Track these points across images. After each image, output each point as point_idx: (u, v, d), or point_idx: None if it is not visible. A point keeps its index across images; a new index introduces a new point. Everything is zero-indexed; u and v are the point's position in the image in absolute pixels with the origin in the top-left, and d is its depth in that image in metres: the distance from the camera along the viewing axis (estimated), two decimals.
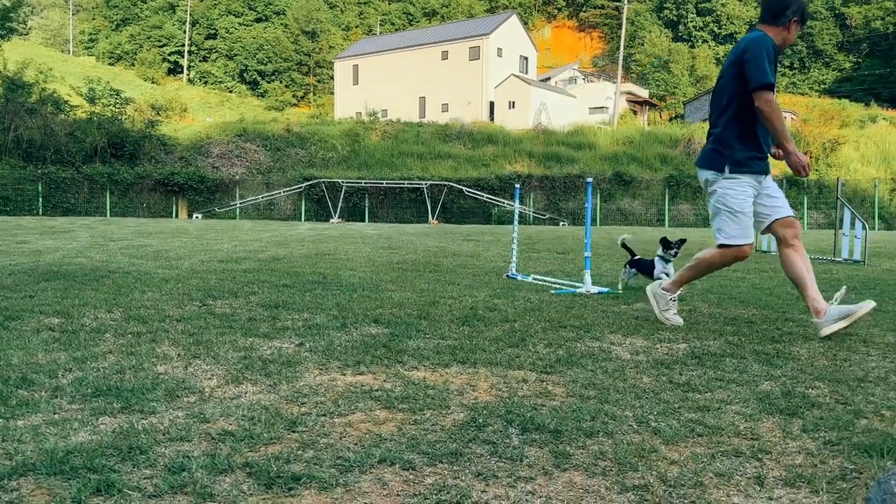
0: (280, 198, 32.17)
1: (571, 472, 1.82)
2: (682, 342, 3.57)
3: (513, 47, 53.07)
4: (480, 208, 31.45)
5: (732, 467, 1.87)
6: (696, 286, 6.26)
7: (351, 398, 2.44)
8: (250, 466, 1.81)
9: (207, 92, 75.40)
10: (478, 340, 3.49)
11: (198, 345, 3.25)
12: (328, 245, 11.58)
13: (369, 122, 41.68)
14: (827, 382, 2.76)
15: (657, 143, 38.79)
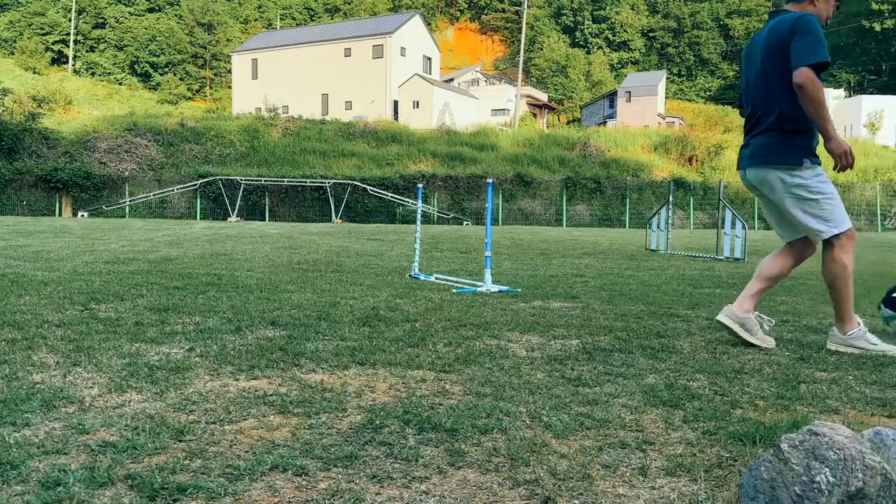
0: (173, 195, 30.91)
1: (465, 470, 1.85)
2: (574, 339, 3.69)
3: (416, 47, 53.20)
4: (385, 207, 31.37)
5: (618, 459, 1.94)
6: (589, 284, 6.49)
7: (243, 404, 2.37)
8: (132, 479, 1.72)
9: (95, 84, 71.33)
10: (378, 341, 3.48)
11: (79, 351, 3.07)
12: (225, 245, 11.23)
13: (269, 119, 40.67)
14: (707, 375, 2.93)
15: (555, 146, 39.94)
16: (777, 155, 3.53)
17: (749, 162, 3.66)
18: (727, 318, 3.64)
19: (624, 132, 44.00)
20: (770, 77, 3.53)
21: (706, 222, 33.17)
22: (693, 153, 39.35)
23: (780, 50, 3.45)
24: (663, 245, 12.35)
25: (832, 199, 3.48)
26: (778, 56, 3.47)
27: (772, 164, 3.55)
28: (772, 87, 3.53)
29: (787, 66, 3.41)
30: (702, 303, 5.30)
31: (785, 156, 3.51)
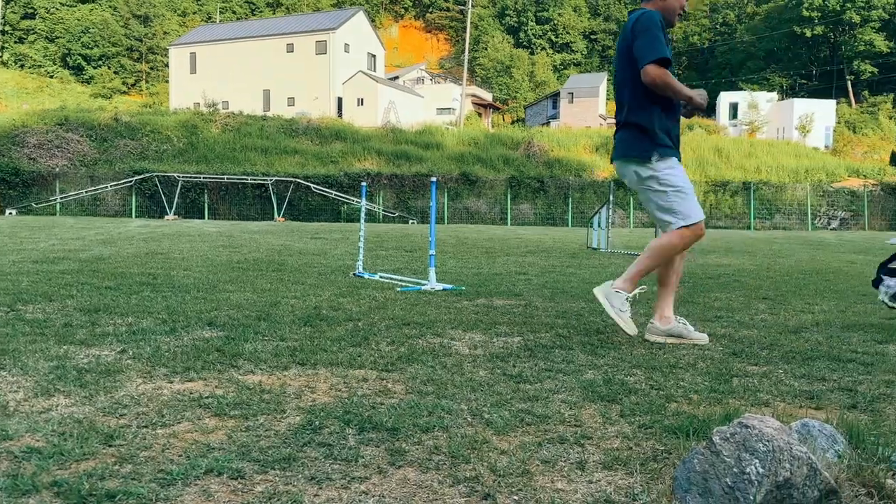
0: (107, 192, 29.92)
1: (406, 469, 1.83)
2: (516, 336, 3.72)
3: (360, 44, 52.82)
4: (329, 206, 31.06)
5: (557, 454, 1.96)
6: (532, 282, 6.55)
7: (177, 407, 2.30)
8: (59, 486, 1.65)
9: (24, 76, 68.40)
10: (319, 341, 3.43)
11: (3, 354, 2.93)
12: (161, 244, 10.92)
13: (208, 114, 39.72)
14: (643, 370, 2.99)
15: (500, 145, 40.26)
16: (630, 149, 3.69)
17: (613, 155, 3.85)
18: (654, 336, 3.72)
19: (566, 132, 44.66)
20: (621, 75, 3.69)
21: (645, 221, 33.95)
22: None
23: (626, 50, 3.64)
24: (604, 243, 12.59)
25: (682, 193, 3.60)
26: (626, 55, 3.64)
27: (627, 158, 3.72)
28: (624, 84, 3.69)
29: (633, 65, 3.58)
30: (640, 299, 5.41)
31: (637, 149, 3.65)
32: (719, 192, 36.95)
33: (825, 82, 66.15)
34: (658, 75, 3.50)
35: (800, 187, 37.06)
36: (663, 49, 3.51)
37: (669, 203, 3.62)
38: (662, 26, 3.59)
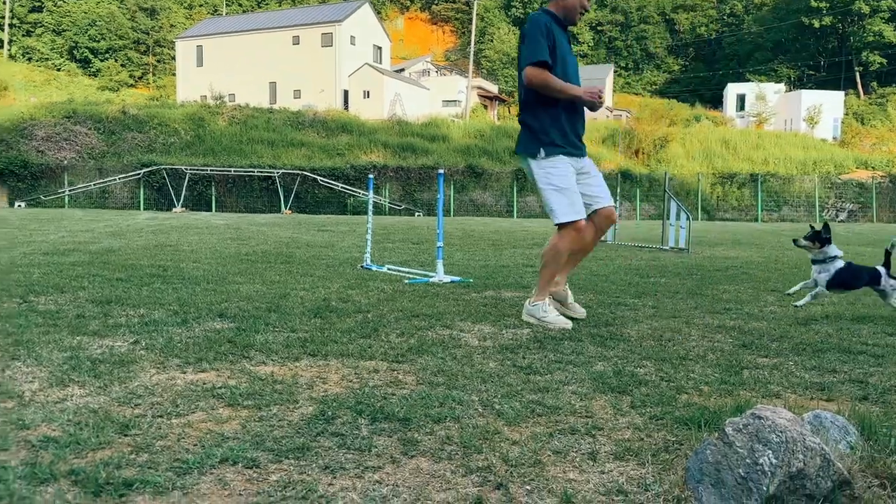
0: (115, 185, 30.02)
1: (419, 459, 1.85)
2: (525, 328, 3.73)
3: (366, 36, 52.70)
4: (335, 198, 31.09)
5: (569, 444, 1.97)
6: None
7: (191, 397, 2.32)
8: (76, 474, 1.67)
9: (32, 69, 68.52)
10: (330, 332, 3.45)
11: (17, 345, 2.96)
12: (170, 236, 10.96)
13: (215, 107, 39.74)
14: (653, 361, 2.99)
15: (506, 137, 40.16)
16: (523, 144, 3.95)
17: (515, 150, 4.08)
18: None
19: None
20: (518, 76, 3.89)
21: (652, 213, 33.87)
22: (639, 146, 40.08)
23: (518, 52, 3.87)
24: (611, 236, 12.57)
25: (559, 191, 3.78)
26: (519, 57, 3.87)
27: (521, 154, 3.99)
28: (520, 85, 3.90)
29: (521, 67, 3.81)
30: (648, 292, 5.41)
31: (527, 146, 3.90)
32: (726, 184, 36.82)
33: (834, 73, 65.71)
34: (534, 76, 3.71)
35: (808, 179, 36.89)
36: (540, 53, 3.70)
37: (548, 200, 3.84)
38: (550, 29, 3.77)
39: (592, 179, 4.00)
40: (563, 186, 3.79)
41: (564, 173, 3.81)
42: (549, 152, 3.81)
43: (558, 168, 3.81)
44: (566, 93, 3.74)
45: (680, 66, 77.16)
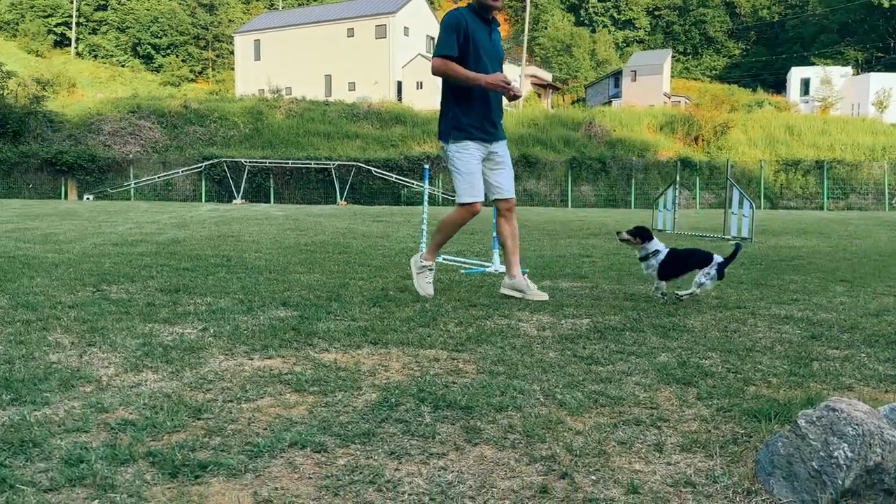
0: (178, 178, 30.91)
1: (482, 447, 1.86)
2: (585, 318, 3.70)
3: (419, 27, 52.80)
4: (389, 189, 31.33)
5: (633, 435, 1.95)
6: (597, 264, 6.49)
7: (259, 383, 2.39)
8: (153, 456, 1.74)
9: (97, 66, 71.08)
10: (389, 321, 3.49)
11: (93, 332, 3.09)
12: (231, 227, 11.25)
13: (273, 100, 40.49)
14: (719, 353, 2.93)
15: (560, 126, 39.73)
16: (439, 130, 4.35)
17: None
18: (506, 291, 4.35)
19: (629, 112, 43.72)
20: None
21: (712, 202, 33.06)
22: (699, 132, 39.08)
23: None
24: (670, 225, 12.33)
25: (462, 175, 4.20)
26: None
27: (439, 139, 4.38)
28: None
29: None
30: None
31: (441, 131, 4.32)
32: (790, 172, 35.62)
33: None
34: (436, 66, 4.12)
35: (876, 166, 35.37)
36: (444, 47, 4.09)
37: (454, 181, 4.27)
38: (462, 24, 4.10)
39: (502, 170, 4.37)
40: (465, 171, 4.20)
41: (468, 159, 4.20)
42: (457, 137, 4.20)
43: (463, 153, 4.20)
44: (470, 81, 4.06)
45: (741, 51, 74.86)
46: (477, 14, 4.19)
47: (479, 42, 4.13)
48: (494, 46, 4.25)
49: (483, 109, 4.20)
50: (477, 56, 4.12)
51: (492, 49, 4.22)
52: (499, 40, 4.35)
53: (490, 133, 4.25)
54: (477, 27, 4.16)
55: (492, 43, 4.23)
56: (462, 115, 4.19)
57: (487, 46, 4.18)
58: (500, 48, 4.35)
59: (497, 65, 4.25)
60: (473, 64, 4.10)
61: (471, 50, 4.11)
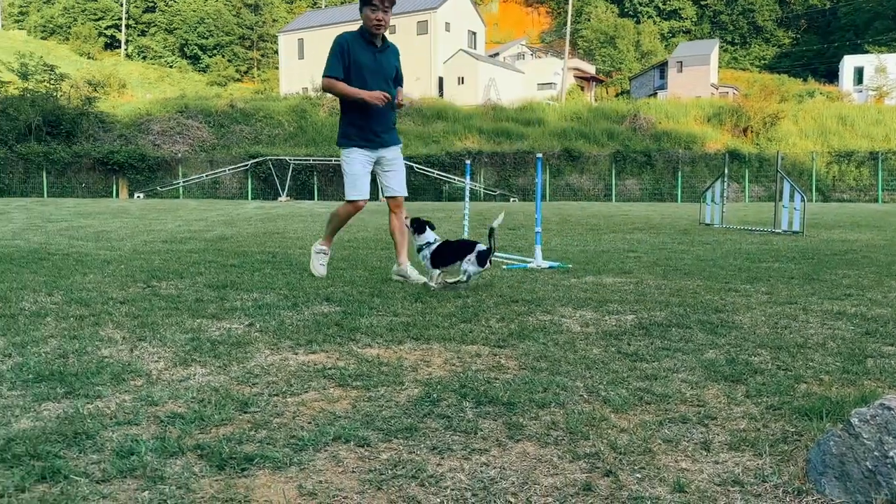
0: (225, 176, 31.50)
1: (525, 443, 1.85)
2: (629, 314, 3.65)
3: (461, 22, 52.71)
4: (431, 185, 31.39)
5: (680, 433, 1.92)
6: (642, 259, 6.40)
7: (304, 377, 2.42)
8: (202, 448, 1.78)
9: (146, 67, 72.87)
10: (431, 316, 3.50)
11: (143, 327, 3.17)
12: (277, 224, 11.42)
13: (316, 98, 40.92)
14: (769, 349, 2.86)
15: (604, 119, 39.22)
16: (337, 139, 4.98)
17: None
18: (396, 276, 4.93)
19: (675, 104, 42.89)
20: None
21: (762, 195, 32.27)
22: (748, 124, 38.14)
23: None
24: (718, 219, 12.08)
25: (347, 176, 4.84)
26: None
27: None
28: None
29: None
30: (760, 277, 5.17)
31: (337, 138, 4.96)
32: (843, 163, 34.53)
33: None
34: (324, 84, 4.78)
35: None
36: (329, 69, 4.71)
37: (344, 182, 4.87)
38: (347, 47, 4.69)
39: (392, 173, 4.97)
40: (350, 173, 4.83)
41: (353, 163, 4.81)
42: (344, 144, 4.84)
43: (349, 158, 4.82)
44: (353, 96, 4.66)
45: (791, 39, 72.81)
46: (363, 37, 4.77)
47: (362, 62, 4.73)
48: (380, 65, 4.80)
49: (366, 121, 4.77)
50: (359, 75, 4.72)
51: (377, 68, 4.78)
52: (389, 59, 4.89)
53: (374, 141, 4.84)
54: (361, 49, 4.75)
55: (377, 62, 4.79)
56: (348, 125, 4.83)
57: (371, 66, 4.76)
58: (388, 67, 4.87)
59: (382, 81, 4.79)
60: (356, 81, 4.70)
61: (353, 70, 4.72)
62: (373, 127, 4.80)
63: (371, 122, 4.78)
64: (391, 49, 4.94)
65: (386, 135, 4.89)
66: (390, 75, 4.90)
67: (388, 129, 4.92)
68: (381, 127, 4.85)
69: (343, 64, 4.71)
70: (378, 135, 4.84)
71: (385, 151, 4.91)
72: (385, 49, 4.87)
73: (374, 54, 4.78)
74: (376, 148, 4.86)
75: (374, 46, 4.78)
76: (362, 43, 4.77)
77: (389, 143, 4.94)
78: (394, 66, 4.95)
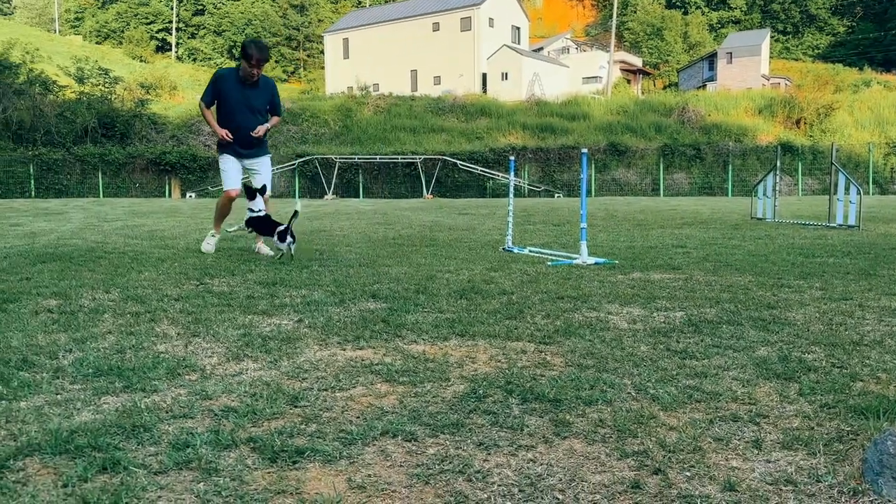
0: (273, 175, 32.05)
1: (571, 440, 1.85)
2: (678, 311, 3.59)
3: (504, 17, 52.49)
4: (475, 182, 31.37)
5: (731, 432, 1.89)
6: (691, 255, 6.30)
7: (351, 372, 2.46)
8: (254, 441, 1.83)
9: (196, 69, 74.44)
10: (476, 313, 3.51)
11: (197, 323, 3.26)
12: (323, 222, 11.57)
13: (361, 97, 41.29)
14: (823, 347, 2.79)
15: (651, 112, 38.62)
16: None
17: None
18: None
19: (725, 95, 41.97)
20: None
21: (816, 188, 31.35)
22: (801, 115, 37.09)
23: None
24: (770, 213, 11.78)
25: (222, 173, 6.15)
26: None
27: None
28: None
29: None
30: (815, 272, 5.04)
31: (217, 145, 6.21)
32: None
33: None
34: (199, 108, 6.14)
35: None
36: (204, 96, 6.00)
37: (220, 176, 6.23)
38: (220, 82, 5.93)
39: (259, 176, 6.26)
40: (223, 169, 6.12)
41: (225, 161, 6.10)
42: (219, 151, 6.14)
43: (222, 159, 6.12)
44: (211, 126, 6.10)
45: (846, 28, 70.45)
46: (237, 76, 5.91)
47: (229, 96, 5.92)
48: (247, 98, 5.93)
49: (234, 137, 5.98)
50: (226, 106, 5.97)
51: (243, 100, 5.93)
52: (259, 93, 5.99)
53: (240, 154, 6.12)
54: (231, 85, 5.91)
55: (244, 96, 5.92)
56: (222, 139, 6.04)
57: (238, 99, 5.92)
58: (257, 100, 5.98)
59: (248, 112, 5.97)
60: (223, 110, 5.98)
61: (222, 101, 5.97)
62: (236, 147, 6.06)
63: (235, 143, 6.02)
64: (263, 85, 6.02)
65: (248, 150, 6.13)
66: (258, 107, 6.03)
67: (250, 147, 6.11)
68: (241, 145, 6.06)
69: (214, 94, 5.94)
70: (244, 149, 6.10)
71: (249, 161, 6.21)
72: (255, 85, 5.96)
73: (242, 90, 5.92)
74: (241, 158, 6.15)
75: (243, 84, 5.92)
76: (234, 81, 5.92)
77: (254, 155, 6.21)
78: (265, 99, 6.06)
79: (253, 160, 6.21)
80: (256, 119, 6.03)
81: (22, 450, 1.77)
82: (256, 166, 6.24)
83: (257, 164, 6.24)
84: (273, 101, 6.18)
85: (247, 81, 5.92)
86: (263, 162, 6.29)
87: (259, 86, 6.01)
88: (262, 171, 6.27)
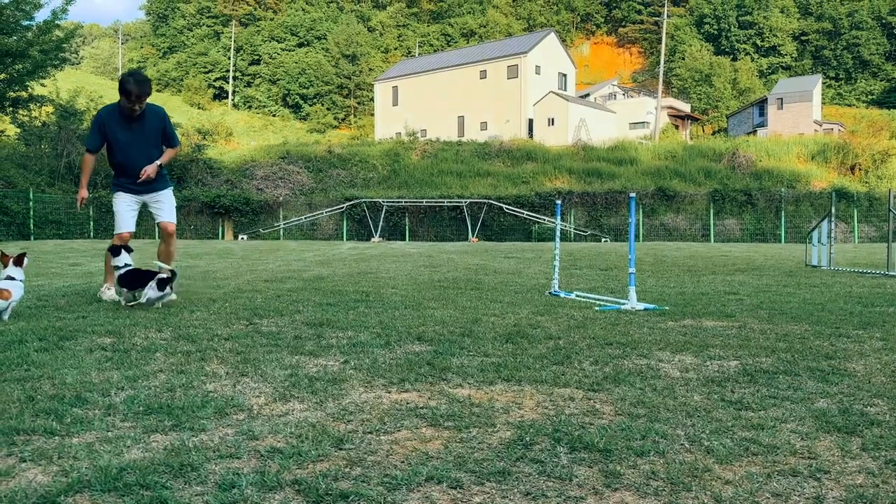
0: (322, 218, 32.58)
1: (623, 492, 1.79)
2: (733, 359, 3.49)
3: (551, 65, 53.08)
4: (520, 225, 31.36)
5: (790, 487, 1.81)
6: (744, 302, 6.13)
7: (396, 416, 2.44)
8: (299, 484, 1.82)
9: (251, 116, 77.08)
10: (522, 358, 3.47)
11: (245, 363, 3.29)
12: (370, 264, 11.67)
13: (409, 142, 42.02)
14: (886, 399, 2.66)
15: (700, 157, 38.25)
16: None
17: None
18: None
19: (776, 141, 41.36)
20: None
21: (873, 236, 30.39)
22: (856, 161, 36.27)
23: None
24: (825, 261, 11.44)
25: (115, 214, 5.93)
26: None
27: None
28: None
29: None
30: (874, 322, 4.84)
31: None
32: None
33: None
34: (83, 159, 6.01)
35: None
36: (88, 142, 5.90)
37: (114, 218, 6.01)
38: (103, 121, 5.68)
39: (161, 205, 6.05)
40: (115, 211, 5.93)
41: (118, 202, 5.91)
42: (113, 189, 5.95)
43: (116, 199, 5.92)
44: (81, 180, 5.96)
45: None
46: (121, 111, 5.65)
47: (119, 138, 5.69)
48: (137, 135, 5.69)
49: (124, 178, 5.85)
50: (117, 146, 5.73)
51: (133, 139, 5.69)
52: (149, 124, 5.73)
53: (136, 191, 5.91)
54: (116, 124, 5.67)
55: (134, 133, 5.68)
56: (116, 178, 5.90)
57: (128, 138, 5.68)
58: (149, 132, 5.74)
59: (142, 148, 5.74)
60: (117, 152, 5.74)
61: (111, 141, 5.72)
62: (128, 185, 5.87)
63: (127, 180, 5.86)
64: (151, 115, 5.76)
65: (146, 186, 5.91)
66: (152, 140, 5.79)
67: (147, 183, 5.88)
68: (139, 182, 5.83)
69: (101, 138, 5.71)
70: (140, 187, 5.89)
71: (149, 196, 6.01)
72: (142, 117, 5.70)
73: (128, 125, 5.68)
74: (141, 193, 5.96)
75: (130, 119, 5.67)
76: (118, 117, 5.68)
77: (153, 190, 6.00)
78: (156, 129, 5.80)
79: (153, 195, 6.00)
80: (150, 152, 5.77)
81: (73, 486, 1.80)
82: (158, 201, 6.03)
83: (158, 198, 6.03)
84: (166, 132, 5.86)
85: (133, 115, 5.64)
86: (165, 195, 6.08)
87: (147, 116, 5.72)
88: (165, 202, 6.07)
